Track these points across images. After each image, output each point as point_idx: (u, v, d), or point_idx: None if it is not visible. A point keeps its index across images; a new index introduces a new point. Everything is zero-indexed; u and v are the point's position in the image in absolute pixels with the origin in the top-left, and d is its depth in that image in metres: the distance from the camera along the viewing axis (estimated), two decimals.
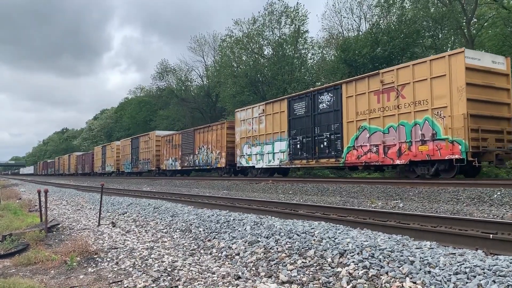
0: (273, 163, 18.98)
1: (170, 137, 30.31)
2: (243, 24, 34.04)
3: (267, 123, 19.41)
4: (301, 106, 17.39)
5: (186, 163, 27.66)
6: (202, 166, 25.65)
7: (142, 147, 34.46)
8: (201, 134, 25.73)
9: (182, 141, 28.24)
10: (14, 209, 11.15)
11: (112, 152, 42.49)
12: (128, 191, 18.34)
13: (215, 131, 23.96)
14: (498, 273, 3.39)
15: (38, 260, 5.34)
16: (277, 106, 18.84)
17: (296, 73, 31.33)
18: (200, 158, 25.69)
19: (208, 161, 24.65)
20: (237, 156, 21.78)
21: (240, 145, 21.45)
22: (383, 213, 7.18)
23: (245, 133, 21.02)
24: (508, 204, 8.03)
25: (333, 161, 15.69)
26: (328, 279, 3.94)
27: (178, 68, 48.95)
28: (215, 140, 23.91)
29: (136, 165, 35.73)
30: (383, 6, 27.79)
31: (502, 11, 22.07)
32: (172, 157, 29.77)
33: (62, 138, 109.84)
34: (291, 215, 7.80)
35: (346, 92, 15.13)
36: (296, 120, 17.65)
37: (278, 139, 18.64)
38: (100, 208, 9.05)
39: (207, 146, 24.82)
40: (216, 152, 23.77)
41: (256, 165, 20.21)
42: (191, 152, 26.87)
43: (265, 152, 19.44)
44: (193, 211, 8.63)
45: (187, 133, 28.09)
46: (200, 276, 4.51)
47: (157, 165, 31.96)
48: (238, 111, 22.00)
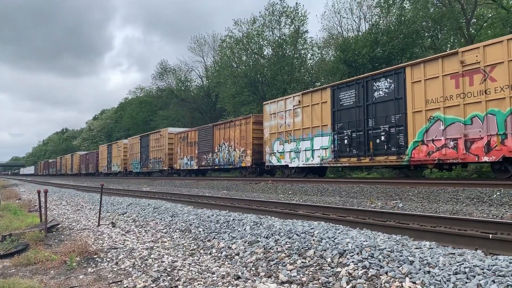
0: (312, 161, 16.61)
1: (184, 134, 28.11)
2: (243, 24, 34.10)
3: (304, 116, 17.07)
4: (349, 95, 15.06)
5: (203, 162, 25.42)
6: (223, 166, 23.41)
7: (153, 145, 32.25)
8: (222, 131, 23.48)
9: (199, 138, 26.00)
10: (14, 209, 11.15)
11: (119, 151, 40.51)
12: (128, 191, 18.34)
13: (239, 126, 21.73)
14: (498, 273, 3.40)
15: (37, 260, 5.34)
16: (317, 96, 16.45)
17: (296, 73, 31.36)
18: (221, 157, 23.47)
19: (230, 159, 22.43)
20: (266, 154, 19.50)
21: (270, 142, 19.19)
22: (382, 213, 7.19)
23: (276, 128, 18.74)
24: (507, 204, 8.04)
25: (394, 158, 13.35)
26: (327, 279, 3.95)
27: (178, 68, 49.09)
28: (238, 136, 21.70)
29: (146, 165, 33.67)
30: (382, 7, 27.81)
31: (501, 11, 22.10)
32: (187, 156, 27.59)
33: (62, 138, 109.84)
34: (291, 215, 7.80)
35: (412, 77, 12.83)
36: (342, 112, 15.34)
37: (319, 134, 16.30)
38: (100, 208, 9.04)
39: (228, 143, 22.63)
40: (239, 149, 21.59)
41: (290, 164, 17.91)
42: (210, 150, 24.65)
43: (302, 149, 17.12)
44: (192, 211, 8.64)
45: (205, 129, 25.77)
46: (200, 276, 4.52)
47: (170, 164, 29.91)
48: (267, 104, 19.63)
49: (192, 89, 49.65)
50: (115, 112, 71.71)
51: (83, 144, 77.36)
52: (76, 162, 57.51)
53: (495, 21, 23.37)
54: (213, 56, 46.90)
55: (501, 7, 22.04)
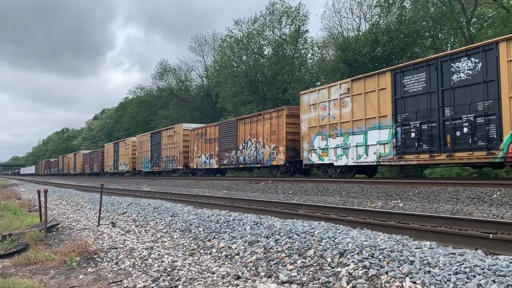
0: (366, 159, 14.26)
1: (202, 130, 25.64)
2: (243, 24, 34.10)
3: (355, 106, 14.67)
4: (417, 80, 12.70)
5: (225, 160, 22.91)
6: (249, 164, 21.02)
7: (165, 142, 29.74)
8: (247, 125, 21.05)
9: (220, 134, 23.48)
10: (13, 209, 11.15)
11: (126, 150, 37.93)
12: (128, 191, 18.34)
13: (269, 120, 19.38)
14: (498, 273, 3.39)
15: (37, 260, 5.34)
16: (372, 82, 14.11)
17: (296, 73, 31.36)
18: (246, 154, 20.99)
19: (259, 157, 20.00)
20: (304, 151, 17.15)
21: (309, 137, 16.81)
22: (383, 213, 7.18)
23: (317, 121, 16.39)
24: (508, 204, 8.03)
25: (482, 154, 11.12)
26: (328, 279, 3.94)
27: (178, 68, 49.10)
28: (268, 131, 19.34)
29: (157, 164, 31.15)
30: (383, 6, 27.80)
31: (501, 11, 22.08)
32: (205, 154, 25.09)
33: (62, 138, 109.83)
34: (291, 215, 7.80)
35: (508, 54, 10.52)
36: (408, 100, 12.93)
37: (375, 126, 13.95)
38: (100, 208, 9.04)
39: (256, 139, 20.23)
40: (270, 146, 19.22)
41: (336, 162, 15.59)
42: (233, 147, 22.12)
43: (352, 145, 14.73)
44: (193, 211, 8.63)
45: (227, 124, 23.32)
46: (200, 276, 4.51)
47: (186, 163, 27.46)
48: (305, 94, 17.26)
49: (192, 88, 49.68)
50: (115, 112, 71.72)
51: (83, 144, 77.34)
52: (79, 161, 55.38)
53: (495, 20, 23.35)
54: (213, 56, 46.97)
55: (502, 7, 22.03)
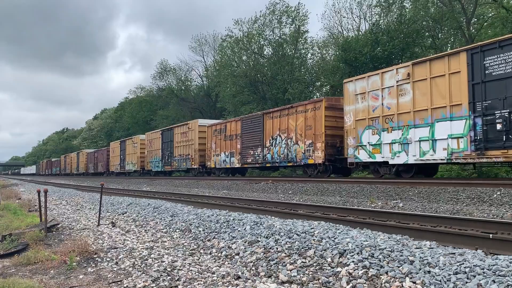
0: (433, 155, 12.23)
1: (221, 126, 23.68)
2: (243, 24, 34.11)
3: (417, 93, 12.74)
4: (505, 60, 10.67)
5: (249, 158, 20.86)
6: (278, 163, 19.11)
7: (178, 140, 27.85)
8: (276, 120, 19.07)
9: (243, 130, 21.47)
10: (13, 209, 11.15)
11: (134, 148, 35.98)
12: (128, 191, 18.34)
13: (303, 113, 17.40)
14: (498, 273, 3.39)
15: (37, 260, 5.34)
16: (441, 66, 12.13)
17: (296, 73, 31.36)
18: (275, 152, 19.01)
19: (290, 155, 18.06)
20: (348, 148, 15.18)
21: (355, 131, 14.82)
22: (383, 213, 7.18)
23: (367, 113, 14.38)
24: (507, 204, 8.04)
25: None
26: (327, 279, 3.94)
27: (178, 67, 49.11)
28: (302, 126, 17.39)
29: (169, 163, 29.19)
30: (383, 6, 27.81)
31: (501, 11, 22.09)
32: (225, 152, 23.05)
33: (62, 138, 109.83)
34: (291, 215, 7.80)
35: None
36: (491, 85, 10.97)
37: (446, 117, 11.92)
38: (99, 208, 9.04)
39: (287, 135, 18.30)
40: (305, 142, 17.21)
41: (392, 160, 13.59)
42: (259, 144, 20.12)
43: (413, 140, 12.76)
44: (192, 211, 8.63)
45: (252, 119, 21.11)
46: (200, 276, 4.51)
47: (201, 162, 25.61)
48: (350, 82, 15.23)
49: (192, 88, 49.69)
50: (115, 112, 71.73)
51: (83, 143, 77.35)
52: (82, 160, 53.42)
53: (495, 20, 23.36)
54: (213, 56, 47.00)
55: (502, 7, 22.03)
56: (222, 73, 36.10)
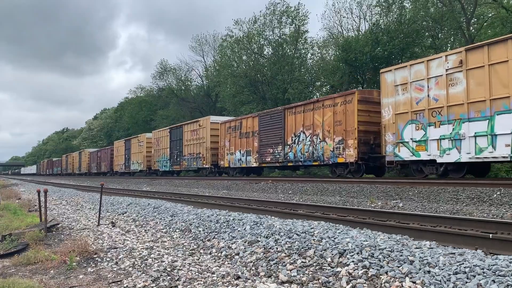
0: (493, 153, 10.82)
1: (236, 123, 22.21)
2: (243, 24, 34.12)
3: (472, 83, 11.38)
4: None
5: (268, 157, 19.47)
6: (302, 162, 17.64)
7: (188, 138, 26.57)
8: (299, 115, 17.67)
9: (261, 127, 20.04)
10: (13, 209, 11.15)
11: (140, 147, 34.46)
12: (128, 191, 18.34)
13: (331, 107, 16.00)
14: (498, 273, 3.39)
15: (37, 260, 5.34)
16: (501, 51, 10.65)
17: (296, 73, 31.38)
18: (298, 150, 17.65)
19: (316, 153, 16.64)
20: (387, 145, 13.73)
21: (395, 126, 13.42)
22: (382, 212, 7.19)
23: (409, 105, 13.00)
24: (507, 204, 8.04)
25: None
26: (327, 279, 3.94)
27: (178, 67, 49.11)
28: (331, 121, 15.97)
29: (178, 162, 27.86)
30: (383, 6, 27.82)
31: (501, 11, 22.09)
32: (240, 150, 21.63)
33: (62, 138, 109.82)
34: (291, 214, 7.80)
35: None
36: None
37: (510, 109, 10.47)
38: (99, 208, 9.04)
39: (312, 131, 16.90)
40: (333, 139, 15.81)
41: (441, 158, 12.24)
42: (279, 141, 18.74)
43: (467, 135, 11.39)
44: (192, 211, 8.63)
45: (271, 115, 19.68)
46: (200, 276, 4.51)
47: (214, 161, 24.27)
48: (389, 71, 13.81)
49: (192, 88, 49.69)
50: (115, 112, 71.72)
51: (83, 143, 77.35)
52: (85, 160, 52.04)
53: (495, 20, 23.36)
54: (213, 56, 46.99)
55: (501, 7, 22.03)
56: (222, 73, 36.11)
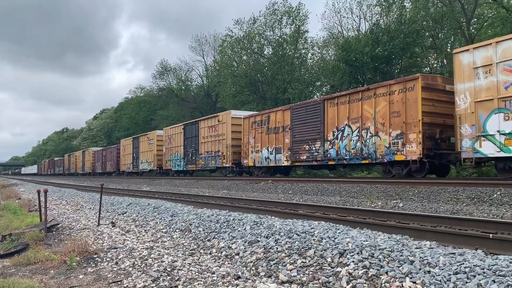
0: None
1: (263, 117, 20.13)
2: (244, 24, 34.14)
3: None
4: None
5: (303, 155, 17.41)
6: (347, 160, 15.41)
7: (205, 135, 24.65)
8: (343, 106, 15.52)
9: (294, 121, 18.00)
10: (13, 209, 11.16)
11: (150, 145, 32.55)
12: (128, 191, 18.33)
13: (386, 96, 13.88)
14: (498, 273, 3.39)
15: (37, 260, 5.34)
16: None
17: (296, 73, 31.39)
18: (342, 147, 15.55)
19: (366, 150, 14.58)
20: (462, 139, 11.73)
21: (475, 117, 11.44)
22: (383, 213, 7.18)
23: (494, 91, 11.02)
24: (507, 204, 8.04)
25: None
26: (328, 279, 3.94)
27: (178, 67, 49.14)
28: (385, 112, 13.88)
29: (193, 161, 25.98)
30: (383, 6, 27.84)
31: (501, 11, 22.09)
32: (268, 148, 19.61)
33: (62, 138, 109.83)
34: (291, 214, 7.80)
35: None
36: None
37: None
38: (99, 208, 9.04)
39: (361, 124, 14.76)
40: (389, 134, 13.75)
41: None
42: (317, 137, 16.66)
43: None
44: (192, 211, 8.63)
45: (306, 107, 17.49)
46: (200, 276, 4.51)
47: (236, 159, 22.36)
48: (465, 51, 11.84)
49: (192, 88, 49.71)
50: (115, 112, 71.73)
51: (82, 143, 77.38)
52: (89, 159, 50.02)
53: (495, 20, 23.37)
54: (213, 56, 47.02)
55: (501, 7, 22.03)
56: (222, 73, 36.12)
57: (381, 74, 26.58)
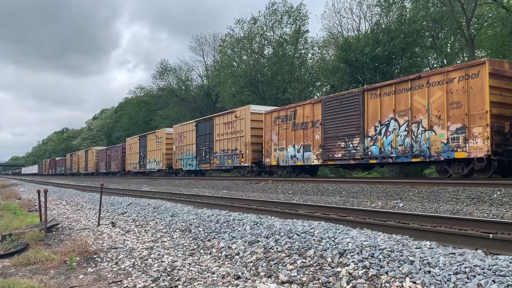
0: None
1: (288, 112, 18.38)
2: (245, 23, 34.15)
3: None
4: None
5: (338, 153, 15.61)
6: (394, 158, 13.51)
7: (221, 132, 22.95)
8: (388, 98, 13.78)
9: (326, 115, 16.18)
10: (13, 209, 11.16)
11: (158, 144, 30.97)
12: (128, 191, 18.33)
13: (443, 85, 12.23)
14: (498, 273, 3.39)
15: (37, 260, 5.34)
16: None
17: (296, 73, 31.39)
18: (387, 143, 13.70)
19: (418, 147, 12.79)
20: None
21: None
22: (383, 213, 7.18)
23: None
24: (508, 204, 8.03)
25: None
26: (328, 279, 3.94)
27: (178, 67, 49.16)
28: (442, 103, 12.22)
29: (207, 160, 24.28)
30: (383, 6, 27.84)
31: (501, 11, 22.09)
32: (295, 145, 17.82)
33: (62, 138, 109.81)
34: (291, 215, 7.80)
35: None
36: None
37: None
38: (99, 208, 9.04)
39: (411, 117, 13.01)
40: (448, 128, 12.07)
41: None
42: (356, 132, 14.88)
43: None
44: (192, 211, 8.63)
45: (341, 99, 15.59)
46: (200, 276, 4.51)
47: (255, 158, 20.54)
48: None
49: (192, 88, 49.72)
50: (115, 112, 71.72)
51: (82, 143, 77.37)
52: (92, 159, 48.27)
53: (495, 20, 23.37)
54: (213, 56, 47.04)
55: (501, 7, 22.04)
56: (222, 73, 36.13)
57: (381, 74, 26.59)
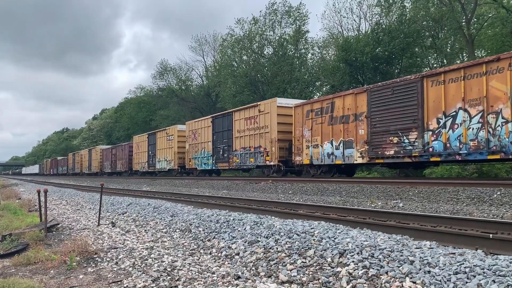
0: None
1: (324, 104, 16.15)
2: (245, 23, 34.16)
3: None
4: None
5: (390, 150, 13.42)
6: (463, 156, 11.43)
7: (241, 128, 20.91)
8: (454, 85, 11.69)
9: (373, 106, 13.98)
10: (13, 209, 11.16)
11: (169, 142, 29.13)
12: (128, 191, 18.33)
13: None
14: (498, 273, 3.39)
15: (37, 260, 5.34)
16: None
17: (296, 73, 31.39)
18: (454, 137, 11.59)
19: (496, 142, 10.65)
20: None
21: None
22: (383, 213, 7.18)
23: None
24: (508, 204, 8.03)
25: None
26: (328, 279, 3.94)
27: (179, 67, 49.18)
28: None
29: (226, 159, 22.18)
30: (383, 6, 27.85)
31: (501, 11, 22.09)
32: (333, 141, 15.63)
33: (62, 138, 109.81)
34: (291, 215, 7.80)
35: None
36: None
37: None
38: (99, 208, 9.05)
39: (486, 107, 10.91)
40: None
41: None
42: (412, 125, 12.73)
43: None
44: (192, 211, 8.63)
45: (393, 88, 13.38)
46: (200, 276, 4.51)
47: (282, 157, 18.55)
48: None
49: (192, 88, 49.74)
50: (115, 112, 71.73)
51: (82, 143, 77.36)
52: (96, 158, 46.38)
53: (495, 20, 23.36)
54: (213, 56, 47.07)
55: (501, 7, 22.03)
56: (222, 73, 36.14)
57: (381, 74, 26.59)
